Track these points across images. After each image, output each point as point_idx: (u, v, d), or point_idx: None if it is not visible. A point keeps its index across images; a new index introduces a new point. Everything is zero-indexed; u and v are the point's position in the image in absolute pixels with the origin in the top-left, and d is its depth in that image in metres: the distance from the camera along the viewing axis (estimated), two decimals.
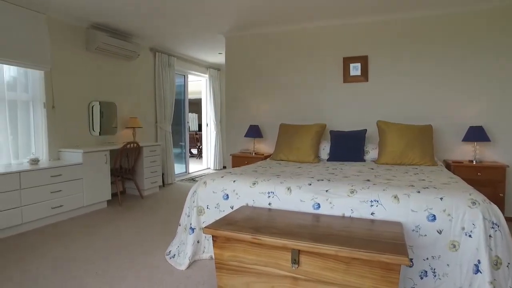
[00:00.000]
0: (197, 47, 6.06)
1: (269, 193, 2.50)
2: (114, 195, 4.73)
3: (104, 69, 4.95)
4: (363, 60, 4.40)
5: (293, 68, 4.83)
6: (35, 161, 3.79)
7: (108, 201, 4.56)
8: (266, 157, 4.69)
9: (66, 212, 3.90)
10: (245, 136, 4.83)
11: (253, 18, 4.45)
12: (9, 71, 3.81)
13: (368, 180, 2.53)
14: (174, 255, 2.72)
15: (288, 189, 2.45)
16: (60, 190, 3.77)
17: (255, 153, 4.83)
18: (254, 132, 4.79)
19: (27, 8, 3.79)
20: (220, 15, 4.30)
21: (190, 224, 2.71)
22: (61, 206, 3.80)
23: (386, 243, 1.66)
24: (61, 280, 2.39)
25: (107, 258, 2.78)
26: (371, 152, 3.96)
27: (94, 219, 3.92)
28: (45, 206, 3.63)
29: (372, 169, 3.23)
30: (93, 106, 4.76)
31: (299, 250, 1.73)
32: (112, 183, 4.56)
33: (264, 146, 5.06)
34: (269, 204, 2.48)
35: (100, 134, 4.87)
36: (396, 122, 3.96)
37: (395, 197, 2.13)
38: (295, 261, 1.75)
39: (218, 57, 6.88)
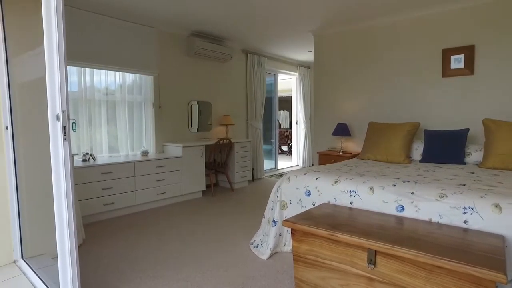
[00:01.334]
0: (287, 46, 6.19)
1: (351, 192, 2.47)
2: (207, 186, 5.20)
3: (201, 72, 5.46)
4: (468, 51, 3.90)
5: (384, 63, 4.56)
6: (145, 153, 4.43)
7: (203, 192, 5.03)
8: (353, 156, 4.56)
9: (167, 199, 4.46)
10: (333, 134, 4.77)
11: (342, 14, 4.36)
12: (129, 78, 4.52)
13: (463, 185, 2.28)
14: (258, 245, 2.89)
15: (371, 189, 2.38)
16: (163, 179, 4.33)
17: (342, 152, 4.73)
18: (342, 130, 4.70)
19: (142, 24, 4.45)
20: (310, 14, 4.33)
21: (273, 217, 2.84)
22: (164, 193, 4.36)
23: (479, 256, 1.50)
24: (160, 249, 2.78)
25: (199, 240, 3.12)
26: (474, 154, 3.51)
27: (190, 207, 4.39)
28: (152, 192, 4.22)
29: (473, 173, 2.88)
30: (191, 105, 5.31)
31: (375, 251, 1.69)
32: (206, 175, 5.02)
33: (352, 145, 4.92)
34: (351, 203, 2.45)
35: (197, 130, 5.40)
36: (508, 121, 3.43)
37: (496, 206, 1.88)
38: (371, 261, 1.71)
39: (307, 55, 6.90)
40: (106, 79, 4.26)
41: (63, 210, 1.75)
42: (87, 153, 3.88)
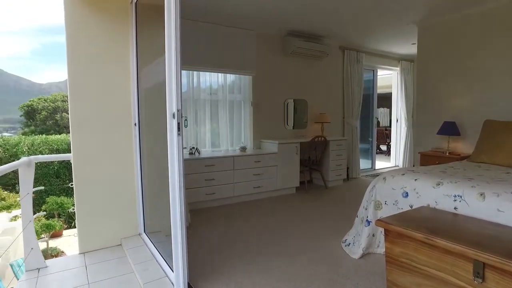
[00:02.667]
0: (387, 39, 5.84)
1: (455, 196, 2.25)
2: (301, 183, 5.28)
3: (297, 70, 5.57)
4: None
5: (502, 53, 3.93)
6: (243, 149, 4.76)
7: (297, 188, 5.15)
8: (463, 158, 4.07)
9: (263, 192, 4.70)
10: (438, 133, 4.34)
11: (450, 1, 3.93)
12: (230, 78, 4.91)
13: None
14: (349, 243, 2.87)
15: (481, 195, 2.13)
16: (260, 174, 4.59)
17: (449, 153, 4.27)
18: (450, 129, 4.23)
19: (241, 28, 4.78)
20: (414, 3, 4.02)
21: (367, 217, 2.78)
22: (260, 187, 4.62)
23: None
24: (254, 238, 2.99)
25: (291, 234, 3.24)
26: None
27: (284, 202, 4.55)
28: (249, 185, 4.52)
29: None
30: (287, 103, 5.47)
31: (483, 263, 1.54)
32: (300, 172, 5.12)
33: (462, 146, 4.38)
34: (455, 208, 2.23)
35: (293, 128, 5.54)
36: None
37: None
38: (478, 275, 1.56)
39: (411, 48, 6.37)
40: (210, 80, 4.73)
41: (176, 195, 2.06)
42: (193, 147, 4.38)
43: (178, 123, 1.96)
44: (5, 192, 8.65)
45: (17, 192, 9.42)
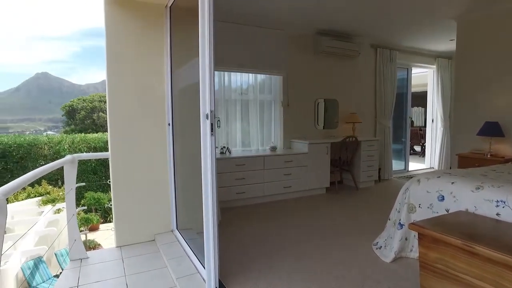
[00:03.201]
0: (423, 36, 5.62)
1: (498, 201, 2.14)
2: (332, 183, 5.21)
3: (328, 70, 5.49)
4: None
5: None
6: (273, 149, 4.78)
7: (327, 188, 5.09)
8: (507, 161, 3.85)
9: (293, 192, 4.69)
10: (478, 134, 4.13)
11: None
12: (260, 78, 4.95)
13: None
14: (381, 246, 2.81)
15: None
16: (290, 174, 4.59)
17: (490, 155, 4.05)
18: (492, 130, 4.02)
19: (272, 28, 4.79)
20: None
21: (399, 220, 2.71)
22: (290, 186, 4.61)
23: None
24: (283, 238, 3.00)
25: (320, 234, 3.21)
26: None
27: (314, 202, 4.52)
28: (279, 185, 4.53)
29: None
30: (318, 103, 5.42)
31: None
32: (331, 172, 5.05)
33: (506, 148, 4.14)
34: (497, 214, 2.12)
35: (323, 128, 5.49)
36: None
37: None
38: None
39: (449, 44, 6.09)
40: (241, 80, 4.78)
41: (209, 194, 2.11)
42: (224, 147, 4.45)
43: (211, 124, 2.01)
44: (50, 187, 9.22)
45: (60, 187, 10.02)
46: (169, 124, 3.13)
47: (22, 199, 8.71)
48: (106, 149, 13.70)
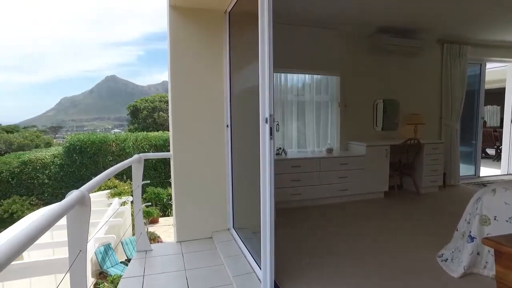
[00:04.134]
0: (501, 27, 5.07)
1: None
2: (391, 187, 4.96)
3: (387, 69, 5.23)
4: None
5: None
6: (330, 150, 4.68)
7: (385, 193, 4.85)
8: None
9: (349, 195, 4.55)
10: None
11: None
12: (317, 79, 4.87)
13: None
14: (447, 259, 2.61)
15: None
16: (346, 176, 4.46)
17: None
18: None
19: (328, 28, 4.67)
20: None
21: (470, 232, 2.49)
22: (346, 189, 4.48)
23: None
24: (337, 241, 2.93)
25: (378, 241, 3.08)
26: None
27: (371, 206, 4.34)
28: (334, 188, 4.43)
29: None
30: (377, 104, 5.19)
31: None
32: (390, 176, 4.81)
33: None
34: None
35: (382, 129, 5.24)
36: None
37: None
38: None
39: None
40: (297, 81, 4.75)
41: (267, 196, 2.14)
42: (280, 148, 4.46)
43: (270, 128, 2.03)
44: (117, 181, 10.02)
45: (125, 181, 10.85)
46: (227, 126, 3.23)
47: (95, 191, 9.59)
48: (166, 147, 14.56)
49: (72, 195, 1.38)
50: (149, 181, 5.02)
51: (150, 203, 9.11)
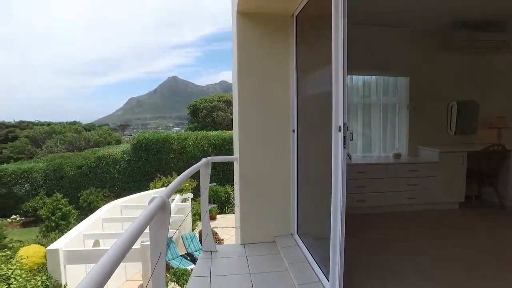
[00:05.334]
0: None
1: None
2: (467, 198, 4.53)
3: (464, 67, 4.74)
4: None
5: None
6: (397, 156, 4.41)
7: (460, 203, 4.44)
8: None
9: (418, 204, 4.24)
10: None
11: None
12: (384, 80, 4.62)
13: None
14: None
15: None
16: (416, 184, 4.16)
17: None
18: None
19: (398, 26, 4.39)
20: None
21: None
22: (414, 198, 4.19)
23: None
24: (404, 253, 2.73)
25: (454, 258, 2.81)
26: None
27: (444, 218, 4.00)
28: (402, 195, 4.16)
29: None
30: (451, 106, 4.76)
31: None
32: (466, 185, 4.39)
33: None
34: None
35: (455, 133, 4.80)
36: None
37: None
38: None
39: None
40: (363, 83, 4.55)
41: (338, 205, 2.06)
42: None
43: (344, 137, 1.95)
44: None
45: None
46: (293, 131, 3.19)
47: (159, 187, 10.22)
48: (224, 146, 14.98)
49: (155, 201, 1.45)
50: (215, 183, 5.18)
51: (215, 204, 9.46)
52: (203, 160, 2.93)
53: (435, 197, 4.25)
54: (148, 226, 1.55)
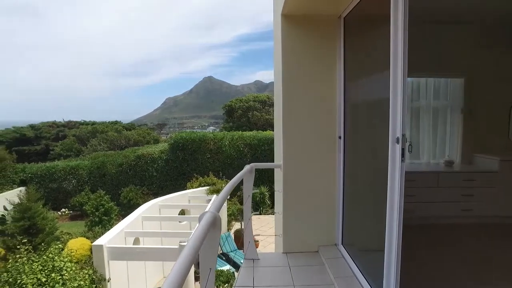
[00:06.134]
0: None
1: None
2: None
3: None
4: None
5: None
6: (449, 163, 4.11)
7: None
8: None
9: (474, 217, 3.92)
10: None
11: None
12: (435, 82, 4.32)
13: None
14: None
15: None
16: (472, 195, 3.85)
17: None
18: None
19: (455, 23, 4.07)
20: None
21: None
22: (470, 210, 3.88)
23: None
24: (457, 268, 2.50)
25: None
26: None
27: (507, 234, 3.66)
28: (455, 207, 3.87)
29: None
30: None
31: None
32: None
33: None
34: None
35: None
36: None
37: None
38: None
39: None
40: (412, 85, 4.28)
41: (394, 218, 1.94)
42: None
43: (403, 149, 1.81)
44: (215, 178, 10.66)
45: (220, 178, 11.45)
46: (340, 137, 3.06)
47: (196, 187, 10.38)
48: (259, 146, 14.89)
49: (206, 218, 1.39)
50: (257, 190, 5.14)
51: (258, 212, 9.41)
52: (247, 167, 2.88)
53: (496, 210, 3.90)
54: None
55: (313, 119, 3.15)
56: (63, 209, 13.87)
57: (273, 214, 12.10)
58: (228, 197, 10.16)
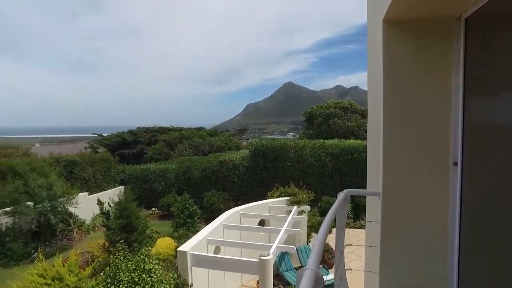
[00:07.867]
0: None
1: None
2: None
3: None
4: None
5: None
6: None
7: None
8: None
9: None
10: None
11: None
12: None
13: None
14: None
15: None
16: None
17: None
18: None
19: None
20: None
21: None
22: None
23: None
24: None
25: None
26: None
27: None
28: None
29: None
30: None
31: None
32: None
33: None
34: None
35: None
36: None
37: None
38: None
39: None
40: None
41: None
42: None
43: None
44: (295, 189, 10.39)
45: (301, 186, 11.10)
46: (455, 164, 2.53)
47: (276, 197, 10.25)
48: (342, 156, 14.21)
49: (307, 276, 1.14)
50: (352, 220, 4.75)
51: (351, 245, 8.98)
52: (341, 194, 2.55)
53: None
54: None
55: (419, 139, 2.68)
56: (153, 208, 15.14)
57: (355, 227, 11.35)
58: (309, 209, 9.79)
